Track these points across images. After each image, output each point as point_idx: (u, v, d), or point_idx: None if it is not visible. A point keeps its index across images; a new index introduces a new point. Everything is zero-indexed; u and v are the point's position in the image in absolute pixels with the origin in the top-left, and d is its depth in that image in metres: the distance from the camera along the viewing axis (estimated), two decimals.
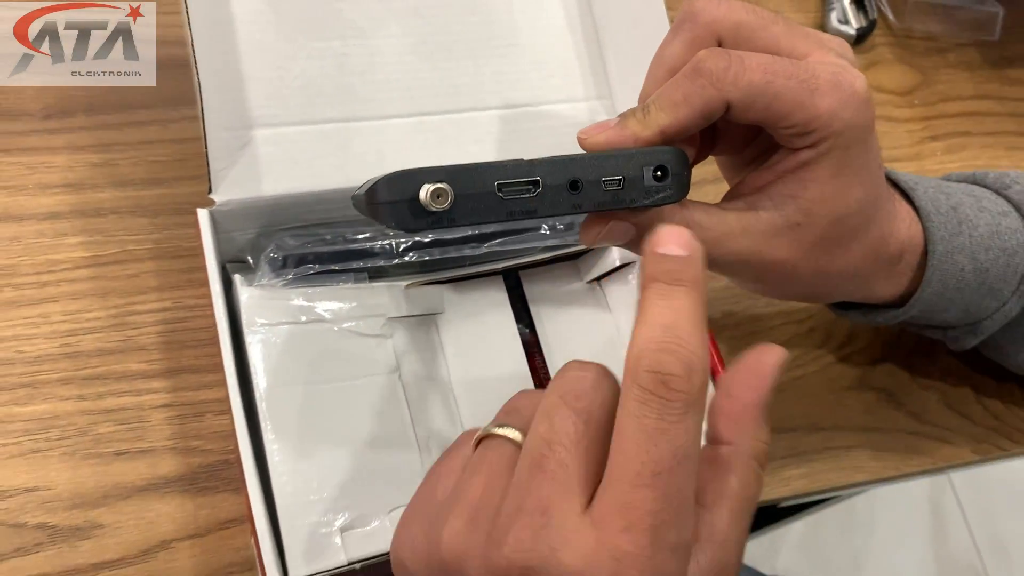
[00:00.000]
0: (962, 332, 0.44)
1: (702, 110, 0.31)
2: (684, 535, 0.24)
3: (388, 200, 0.28)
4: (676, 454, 0.23)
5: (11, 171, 0.43)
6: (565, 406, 0.26)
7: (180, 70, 0.47)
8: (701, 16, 0.33)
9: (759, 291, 0.40)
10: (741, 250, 0.34)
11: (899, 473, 0.49)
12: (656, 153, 0.31)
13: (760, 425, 0.27)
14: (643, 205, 0.31)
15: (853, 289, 0.39)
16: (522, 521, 0.24)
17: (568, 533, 0.24)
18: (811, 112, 0.32)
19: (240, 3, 0.40)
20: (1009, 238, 0.40)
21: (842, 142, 0.32)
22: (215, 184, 0.38)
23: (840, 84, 0.32)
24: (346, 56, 0.41)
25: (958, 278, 0.39)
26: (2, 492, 0.37)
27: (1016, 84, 0.65)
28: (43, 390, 0.39)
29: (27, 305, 0.40)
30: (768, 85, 0.31)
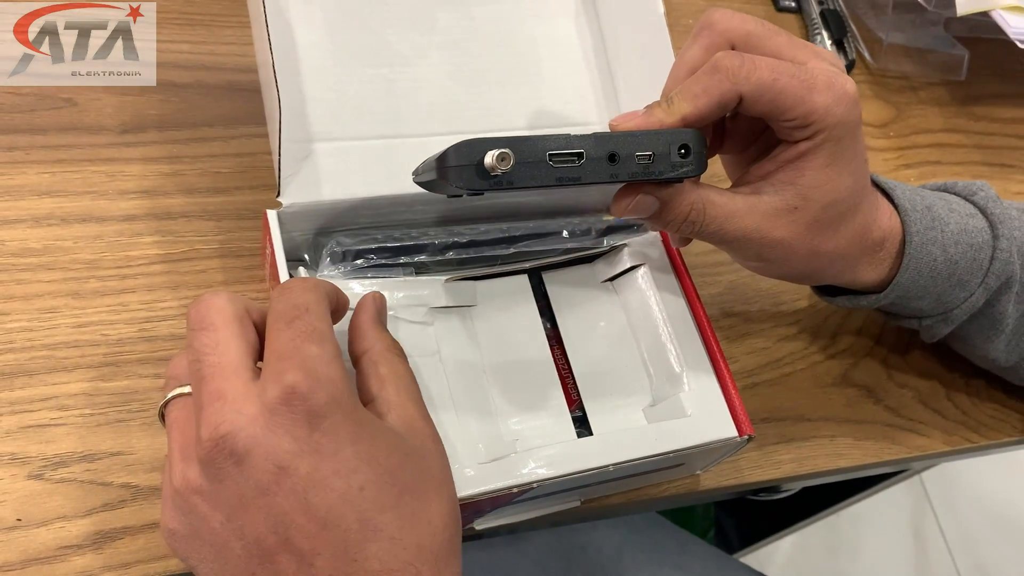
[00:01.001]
0: (935, 321, 0.49)
1: (719, 101, 0.38)
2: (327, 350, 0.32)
3: (457, 164, 0.33)
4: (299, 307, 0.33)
5: (94, 178, 0.48)
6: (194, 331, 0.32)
7: (239, 92, 0.53)
8: (718, 25, 0.40)
9: (759, 270, 0.45)
10: (746, 227, 0.40)
11: (878, 460, 0.54)
12: (680, 134, 0.37)
13: (379, 331, 0.37)
14: (670, 177, 0.37)
15: (841, 270, 0.45)
16: (205, 414, 0.30)
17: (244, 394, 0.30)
18: (809, 107, 0.38)
19: (302, 33, 0.46)
20: (975, 235, 0.46)
21: (835, 135, 0.39)
22: (283, 189, 0.43)
23: (834, 85, 0.38)
24: (393, 81, 0.47)
25: (931, 267, 0.45)
26: (91, 455, 0.42)
27: (981, 120, 0.72)
28: (124, 368, 0.44)
29: (109, 295, 0.45)
30: (774, 82, 0.37)
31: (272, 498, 0.30)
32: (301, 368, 0.30)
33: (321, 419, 0.30)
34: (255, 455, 0.30)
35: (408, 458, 0.32)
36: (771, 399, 0.53)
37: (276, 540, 0.30)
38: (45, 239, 0.46)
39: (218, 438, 0.30)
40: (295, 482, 0.30)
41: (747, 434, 0.44)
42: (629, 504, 0.48)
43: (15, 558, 0.39)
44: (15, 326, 0.43)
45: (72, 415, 0.42)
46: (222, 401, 0.30)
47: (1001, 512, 1.47)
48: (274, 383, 0.30)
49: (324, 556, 0.30)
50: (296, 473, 0.30)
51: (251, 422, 0.30)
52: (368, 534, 0.30)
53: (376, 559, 0.30)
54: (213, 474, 0.30)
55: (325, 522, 0.29)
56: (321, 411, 0.30)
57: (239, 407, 0.30)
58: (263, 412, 0.30)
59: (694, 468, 0.49)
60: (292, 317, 0.32)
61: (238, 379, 0.31)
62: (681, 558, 0.66)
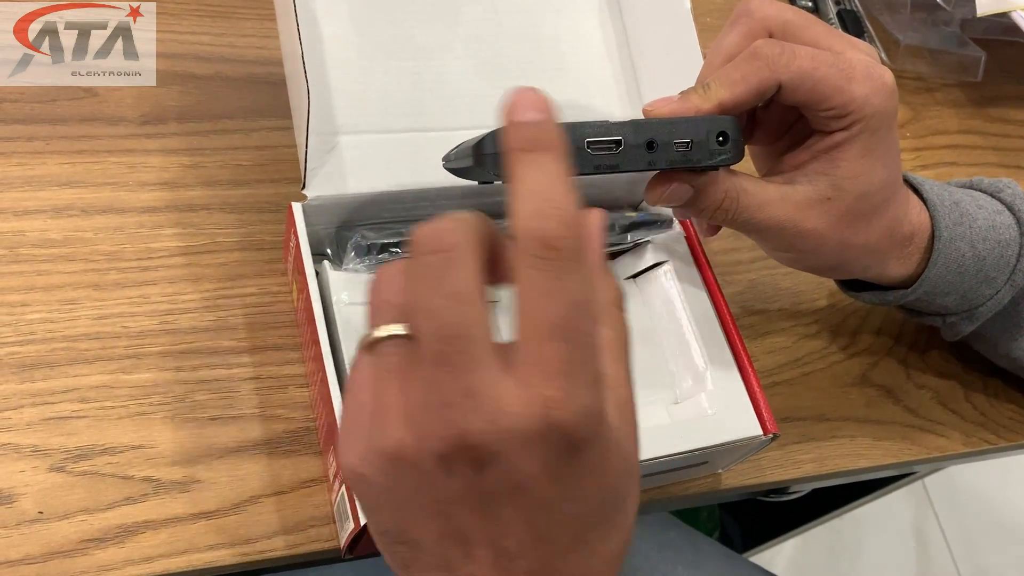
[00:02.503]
0: (960, 318, 0.49)
1: (757, 88, 0.37)
2: (595, 370, 0.26)
3: (494, 152, 0.32)
4: (574, 305, 0.25)
5: (114, 170, 0.48)
6: (441, 297, 0.25)
7: (259, 85, 0.53)
8: (757, 12, 0.40)
9: (788, 260, 0.45)
10: (779, 216, 0.40)
11: (897, 460, 0.54)
12: (718, 121, 0.36)
13: (606, 277, 0.29)
14: (707, 165, 0.37)
15: (870, 264, 0.44)
16: (453, 412, 0.25)
17: (498, 402, 0.25)
18: (847, 96, 0.38)
19: (328, 26, 0.46)
20: (1003, 232, 0.46)
21: (872, 125, 0.39)
22: (308, 181, 0.43)
23: (872, 75, 0.38)
24: (418, 74, 0.47)
25: (959, 263, 0.45)
26: (113, 448, 0.41)
27: (997, 121, 0.72)
28: (146, 361, 0.44)
29: (130, 287, 0.45)
30: (814, 70, 0.37)
31: (498, 507, 0.27)
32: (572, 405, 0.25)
33: (577, 453, 0.26)
34: (495, 470, 0.26)
35: (626, 467, 0.29)
36: (791, 398, 0.53)
37: (483, 536, 0.27)
38: (66, 230, 0.46)
39: (463, 445, 0.26)
40: (527, 502, 0.27)
41: (772, 432, 0.44)
42: (651, 502, 0.48)
43: (37, 551, 0.38)
44: (36, 317, 0.43)
45: (93, 407, 0.42)
46: (473, 401, 0.25)
47: (1004, 516, 1.47)
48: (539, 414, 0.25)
49: (527, 560, 0.28)
50: (531, 495, 0.27)
51: (501, 440, 0.26)
52: (575, 547, 0.28)
53: (574, 567, 0.28)
54: (443, 467, 0.27)
55: (541, 537, 0.27)
56: (579, 446, 0.26)
57: (492, 417, 0.25)
58: (517, 435, 0.25)
59: (717, 467, 0.48)
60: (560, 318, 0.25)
61: (487, 372, 0.25)
62: (695, 557, 0.66)
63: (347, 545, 0.40)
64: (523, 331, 0.25)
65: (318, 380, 0.41)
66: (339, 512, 0.41)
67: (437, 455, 0.26)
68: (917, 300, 0.47)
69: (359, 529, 0.37)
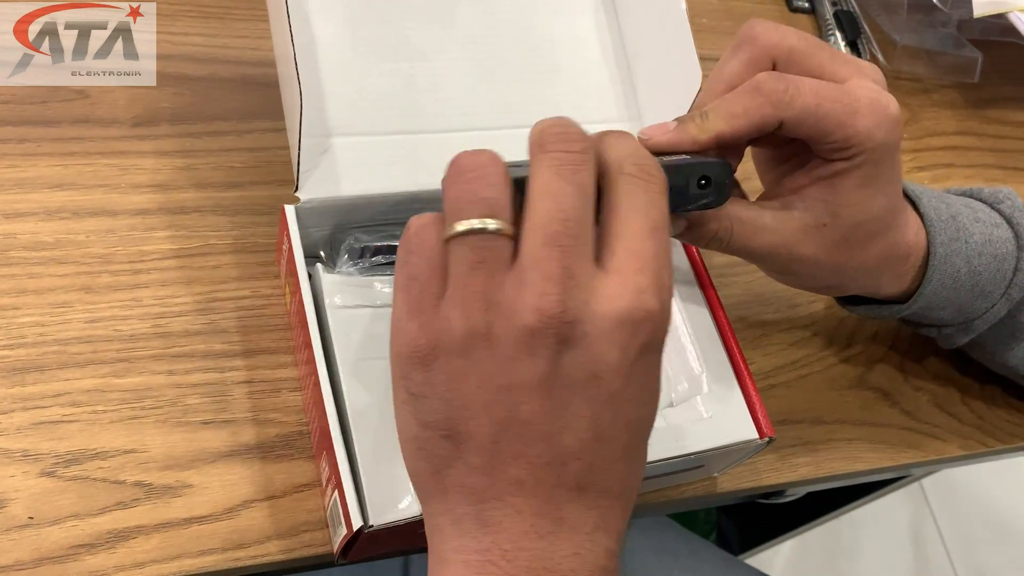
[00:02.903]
0: (955, 330, 0.49)
1: (759, 124, 0.37)
2: (670, 276, 0.30)
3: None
4: (664, 217, 0.30)
5: (106, 171, 0.47)
6: (564, 182, 0.29)
7: (252, 86, 0.52)
8: (760, 39, 0.39)
9: (784, 281, 0.45)
10: (774, 243, 0.39)
11: (893, 464, 0.54)
12: (704, 165, 0.36)
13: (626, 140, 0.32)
14: (687, 210, 0.36)
15: (864, 284, 0.44)
16: (549, 285, 0.28)
17: (596, 284, 0.28)
18: (851, 131, 0.37)
19: (321, 27, 0.45)
20: (1000, 246, 0.46)
21: (874, 157, 0.38)
22: (301, 184, 0.42)
23: (876, 108, 0.38)
24: (413, 76, 0.47)
25: (954, 279, 0.45)
26: (104, 453, 0.41)
27: (994, 123, 0.71)
28: (138, 364, 0.43)
29: (122, 290, 0.45)
30: (817, 108, 0.37)
31: (569, 395, 0.28)
32: (659, 296, 0.28)
33: (651, 352, 0.29)
34: (578, 352, 0.28)
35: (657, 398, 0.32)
36: (787, 401, 0.53)
37: (545, 429, 0.29)
38: (57, 232, 0.45)
39: (558, 319, 0.27)
40: (599, 393, 0.29)
41: (768, 436, 0.43)
42: (647, 506, 0.48)
43: (27, 557, 0.38)
44: (27, 320, 0.43)
45: (84, 412, 0.42)
46: (573, 282, 0.28)
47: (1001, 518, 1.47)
48: (633, 298, 0.28)
49: (583, 462, 0.29)
50: (605, 386, 0.29)
51: (592, 320, 0.28)
52: (626, 457, 0.30)
53: (618, 480, 0.30)
54: (527, 346, 0.28)
55: (601, 436, 0.29)
56: (657, 346, 0.29)
57: (588, 300, 0.28)
58: (608, 318, 0.28)
59: (713, 470, 0.48)
60: (657, 226, 0.29)
61: (587, 264, 0.28)
62: (691, 561, 0.66)
63: (340, 550, 0.39)
64: (622, 229, 0.29)
65: (311, 384, 0.41)
66: (332, 517, 0.40)
67: (527, 330, 0.28)
68: (912, 314, 0.47)
69: (352, 534, 0.37)
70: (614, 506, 0.31)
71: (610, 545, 0.30)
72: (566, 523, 0.29)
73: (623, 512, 0.31)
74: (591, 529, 0.30)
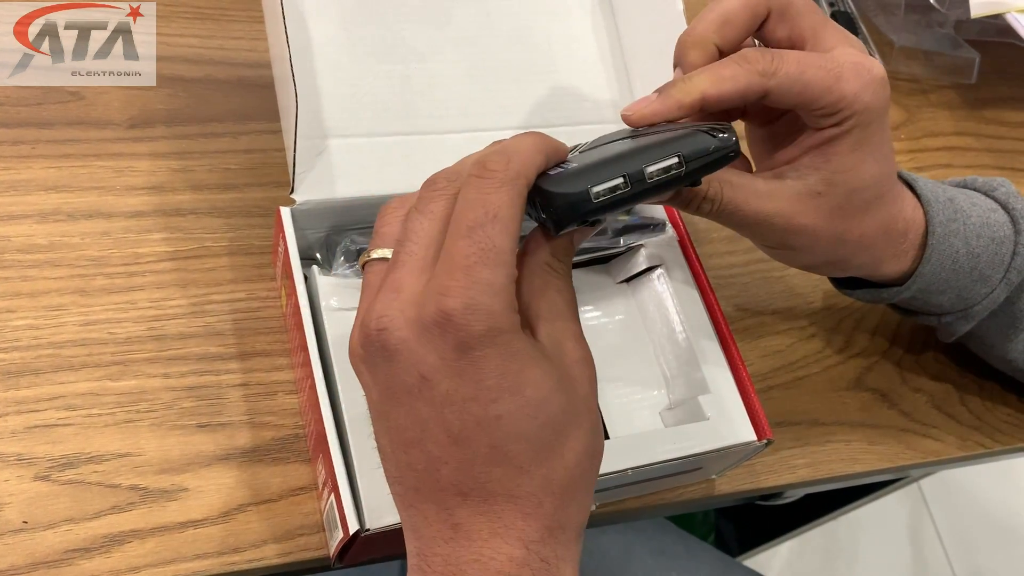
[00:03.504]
0: (955, 318, 0.49)
1: (743, 89, 0.37)
2: (499, 278, 0.29)
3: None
4: (488, 214, 0.29)
5: (101, 174, 0.47)
6: (418, 213, 0.32)
7: (248, 88, 0.52)
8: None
9: (784, 257, 0.44)
10: (768, 210, 0.39)
11: (892, 465, 0.53)
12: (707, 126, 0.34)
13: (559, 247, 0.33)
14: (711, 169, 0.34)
15: (865, 262, 0.44)
16: (376, 303, 0.31)
17: (411, 294, 0.30)
18: (837, 94, 0.37)
19: (317, 28, 0.45)
20: (997, 230, 0.46)
21: (863, 120, 0.38)
22: (297, 186, 0.42)
23: (861, 71, 0.38)
24: (409, 77, 0.46)
25: (953, 260, 0.45)
26: (99, 456, 0.41)
27: (991, 123, 0.71)
28: (132, 368, 0.43)
29: (117, 292, 0.45)
30: (801, 74, 0.37)
31: (414, 401, 0.30)
32: (463, 295, 0.29)
33: (471, 349, 0.29)
34: (403, 357, 0.30)
35: (557, 389, 0.31)
36: (785, 403, 0.53)
37: (414, 436, 0.31)
38: (52, 235, 0.45)
39: (377, 329, 0.30)
40: (435, 395, 0.30)
41: (766, 438, 0.43)
42: (644, 508, 0.48)
43: (21, 561, 0.38)
44: (21, 323, 0.43)
45: (79, 415, 0.41)
46: (396, 294, 0.30)
47: (999, 518, 1.47)
48: (434, 301, 0.29)
49: (450, 466, 0.30)
50: (437, 388, 0.30)
51: (407, 325, 0.30)
52: (496, 458, 0.30)
53: (499, 483, 0.30)
54: (370, 358, 0.31)
55: (456, 439, 0.30)
56: (472, 342, 0.29)
57: (404, 308, 0.30)
58: (419, 322, 0.30)
59: (711, 472, 0.48)
60: (474, 224, 0.30)
61: (419, 278, 0.30)
62: (688, 562, 0.66)
63: (337, 554, 0.39)
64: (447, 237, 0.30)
65: (307, 386, 0.41)
66: (328, 520, 0.40)
67: (362, 349, 0.31)
68: (912, 298, 0.47)
69: (349, 538, 0.37)
70: (507, 511, 0.30)
71: (513, 552, 0.30)
72: (461, 529, 0.30)
73: (525, 518, 0.30)
74: (487, 535, 0.30)
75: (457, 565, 0.30)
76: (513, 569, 0.30)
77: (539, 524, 0.31)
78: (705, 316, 0.46)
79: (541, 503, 0.31)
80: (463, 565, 0.30)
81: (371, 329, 0.30)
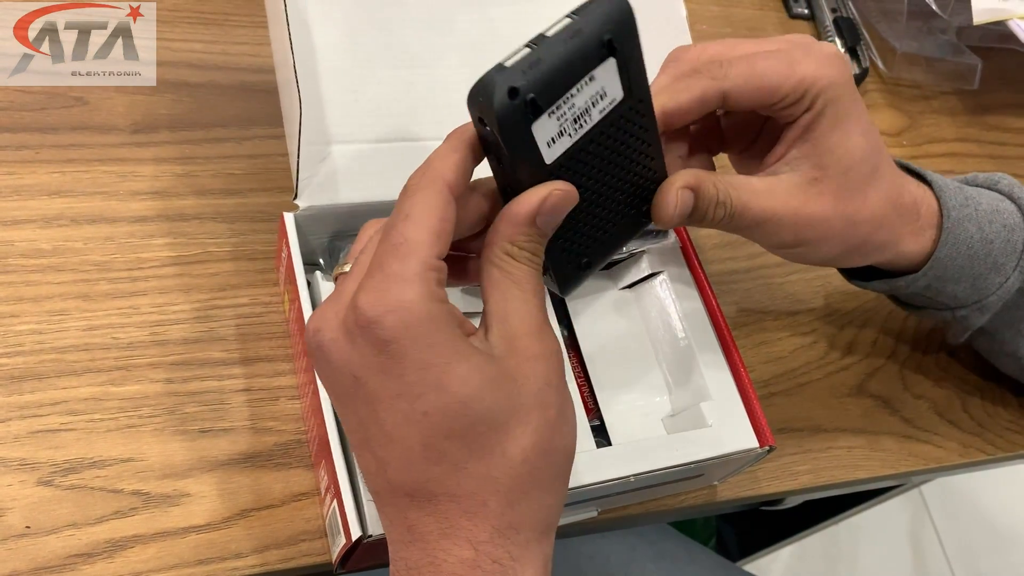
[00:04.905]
0: (970, 310, 0.48)
1: (700, 97, 0.38)
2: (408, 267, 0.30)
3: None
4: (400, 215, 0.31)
5: (104, 179, 0.47)
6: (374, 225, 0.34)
7: (252, 93, 0.52)
8: (683, 57, 0.40)
9: (802, 256, 0.43)
10: (773, 207, 0.39)
11: (893, 471, 0.53)
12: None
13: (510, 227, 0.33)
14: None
15: (884, 241, 0.43)
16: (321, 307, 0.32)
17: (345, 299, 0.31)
18: (797, 77, 0.38)
19: (320, 34, 0.45)
20: (1008, 217, 0.46)
21: (832, 95, 0.39)
22: (300, 191, 0.42)
23: (811, 51, 0.39)
24: (412, 83, 0.46)
25: (968, 244, 0.45)
26: (101, 461, 0.41)
27: (993, 129, 0.71)
28: (135, 373, 0.43)
29: (120, 297, 0.45)
30: (753, 68, 0.38)
31: (353, 401, 0.31)
32: (374, 290, 0.30)
33: (387, 344, 0.30)
34: (336, 359, 0.31)
35: (492, 385, 0.30)
36: (787, 409, 0.53)
37: (361, 437, 0.32)
38: (55, 240, 0.45)
39: (313, 330, 0.32)
40: (367, 393, 0.31)
41: (768, 444, 0.43)
42: (646, 514, 0.48)
43: (24, 567, 0.38)
44: (24, 328, 0.43)
45: (82, 420, 0.41)
46: (336, 299, 0.32)
47: (1000, 524, 1.47)
48: (352, 300, 0.31)
49: (392, 466, 0.31)
50: (367, 386, 0.31)
51: (337, 327, 0.31)
52: (432, 456, 0.30)
53: (438, 482, 0.30)
54: (314, 361, 0.33)
55: (391, 436, 0.31)
56: (387, 336, 0.30)
57: (338, 311, 0.31)
58: (344, 323, 0.31)
59: (712, 479, 0.48)
60: (388, 227, 0.31)
61: (354, 279, 0.32)
62: (690, 567, 0.66)
63: (339, 560, 0.39)
64: None
65: (309, 392, 0.41)
66: (331, 526, 0.40)
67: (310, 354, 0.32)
68: (927, 288, 0.47)
69: (351, 544, 0.37)
70: (452, 511, 0.30)
71: (463, 554, 0.30)
72: (415, 531, 0.31)
73: (471, 518, 0.30)
74: (437, 536, 0.30)
75: (417, 568, 0.31)
76: (464, 571, 0.30)
77: (486, 524, 0.30)
78: (707, 322, 0.46)
79: (485, 502, 0.30)
80: (421, 568, 0.30)
81: (309, 331, 0.32)
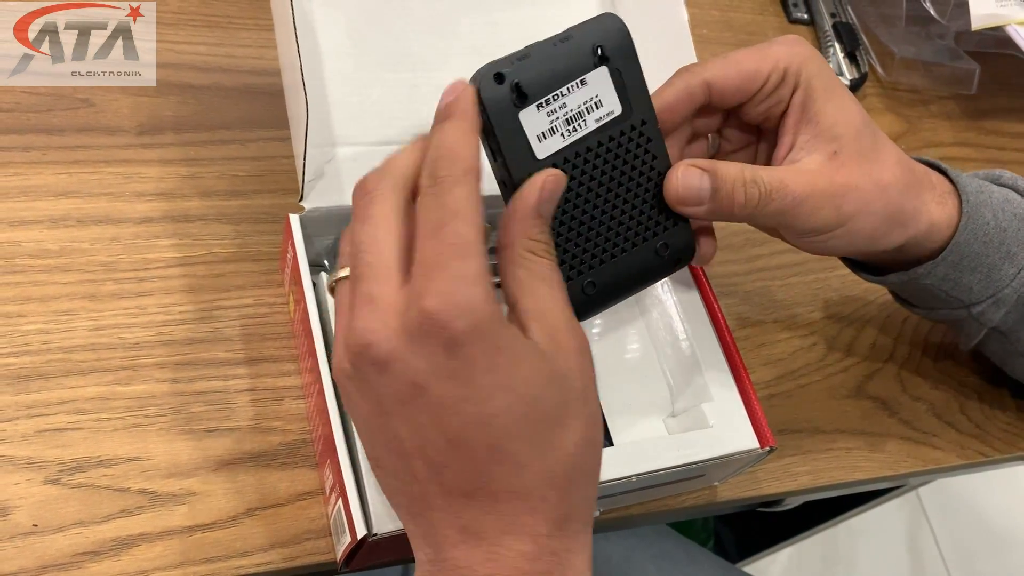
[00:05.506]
0: (987, 306, 0.48)
1: (685, 91, 0.40)
2: (472, 267, 0.30)
3: None
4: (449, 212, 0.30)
5: (110, 180, 0.48)
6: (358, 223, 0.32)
7: (256, 95, 0.53)
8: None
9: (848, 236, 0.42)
10: (806, 185, 0.40)
11: (892, 473, 0.54)
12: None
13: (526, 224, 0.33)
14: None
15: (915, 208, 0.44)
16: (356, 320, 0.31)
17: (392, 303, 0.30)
18: (772, 60, 0.40)
19: (326, 38, 0.46)
20: (1018, 207, 0.47)
21: (812, 70, 0.41)
22: (305, 193, 0.43)
23: (777, 39, 0.42)
24: (416, 86, 0.47)
25: (984, 231, 0.46)
26: (108, 460, 0.41)
27: (991, 134, 0.72)
28: (142, 372, 0.43)
29: (126, 298, 0.45)
30: (728, 58, 0.41)
31: (410, 409, 0.31)
32: (440, 292, 0.29)
33: (459, 347, 0.29)
34: (394, 368, 0.30)
35: (550, 383, 0.31)
36: (787, 411, 0.53)
37: (413, 446, 0.31)
38: (62, 240, 0.45)
39: (363, 345, 0.30)
40: (429, 400, 0.30)
41: (769, 445, 0.44)
42: (647, 515, 0.48)
43: (31, 564, 0.38)
44: (32, 328, 0.43)
45: (89, 419, 0.42)
46: (371, 307, 0.31)
47: (997, 526, 1.47)
48: (415, 304, 0.30)
49: (452, 469, 0.31)
50: (430, 393, 0.30)
51: (394, 335, 0.30)
52: (496, 458, 0.30)
53: (501, 481, 0.31)
54: (360, 374, 0.31)
55: (455, 442, 0.30)
56: (459, 339, 0.29)
57: (385, 318, 0.30)
58: (404, 329, 0.30)
59: (713, 479, 0.48)
60: (439, 223, 0.30)
61: (388, 284, 0.31)
62: (689, 568, 0.66)
63: (344, 558, 0.40)
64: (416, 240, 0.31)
65: (315, 392, 0.41)
66: (335, 525, 0.40)
67: (351, 366, 0.31)
68: (944, 279, 0.47)
69: (356, 542, 0.37)
70: (513, 508, 0.31)
71: (524, 548, 0.30)
72: (470, 530, 0.31)
73: (533, 514, 0.31)
74: (497, 534, 0.31)
75: (470, 567, 0.31)
76: (526, 564, 0.30)
77: (546, 518, 0.31)
78: (708, 324, 0.47)
79: (545, 497, 0.31)
80: (476, 566, 0.30)
81: (358, 345, 0.31)
